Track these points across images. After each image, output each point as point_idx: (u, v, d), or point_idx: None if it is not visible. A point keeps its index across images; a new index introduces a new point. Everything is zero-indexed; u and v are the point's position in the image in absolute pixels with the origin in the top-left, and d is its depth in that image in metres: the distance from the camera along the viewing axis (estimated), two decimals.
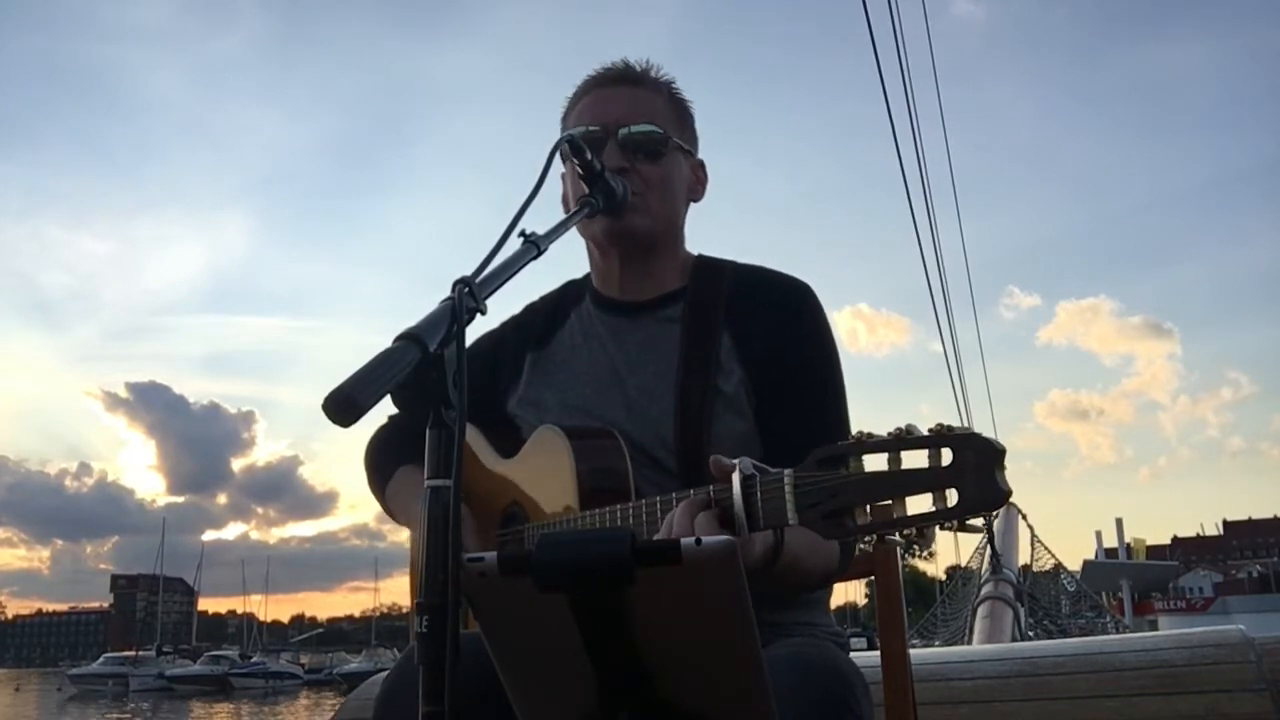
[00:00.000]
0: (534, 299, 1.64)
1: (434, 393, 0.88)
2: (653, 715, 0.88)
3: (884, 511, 0.90)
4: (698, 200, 1.56)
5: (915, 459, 0.88)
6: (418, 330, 0.88)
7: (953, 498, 0.86)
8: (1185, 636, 1.97)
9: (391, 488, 1.58)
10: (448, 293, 0.95)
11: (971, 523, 0.88)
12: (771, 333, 1.42)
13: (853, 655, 1.43)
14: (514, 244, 1.11)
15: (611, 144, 1.42)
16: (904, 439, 0.89)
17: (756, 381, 1.40)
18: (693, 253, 1.56)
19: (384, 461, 1.62)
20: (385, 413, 1.67)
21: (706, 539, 0.81)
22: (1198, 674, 1.83)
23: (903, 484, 0.89)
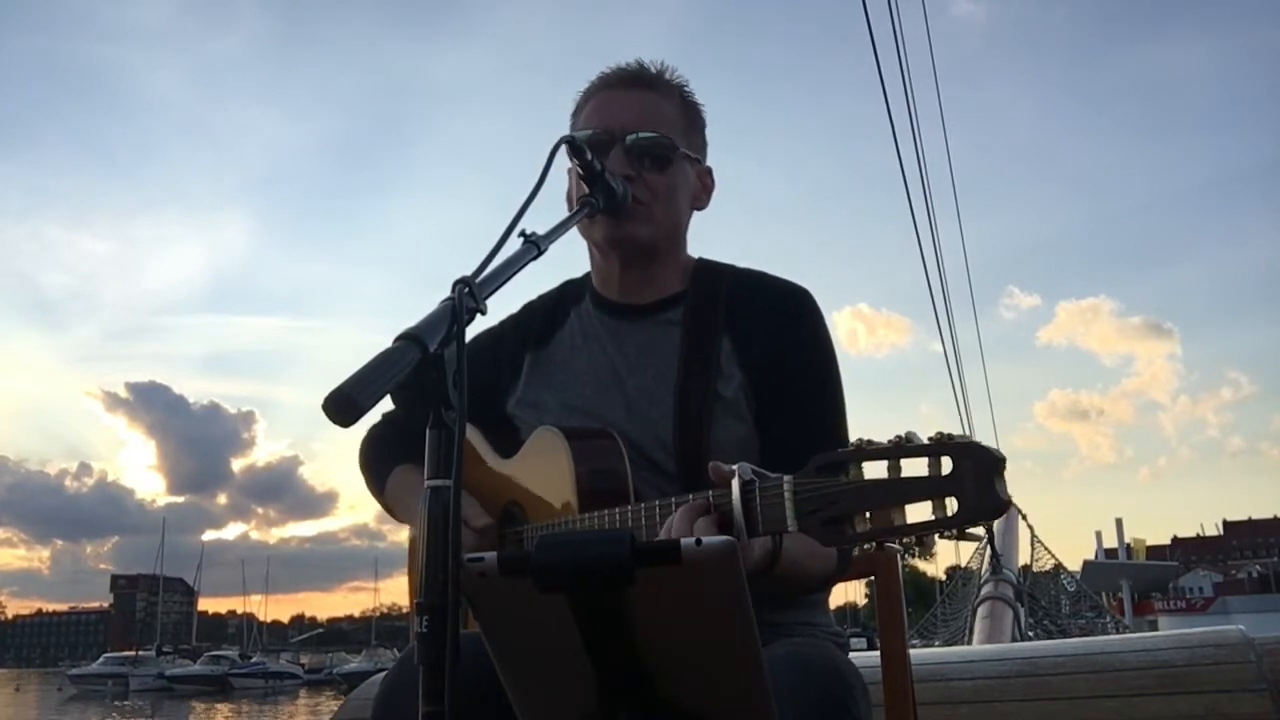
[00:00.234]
0: (532, 298, 1.64)
1: (434, 393, 0.88)
2: (653, 715, 0.88)
3: (883, 519, 0.90)
4: (702, 209, 1.54)
5: (915, 467, 0.88)
6: (418, 330, 0.88)
7: (952, 506, 0.86)
8: (1185, 636, 1.97)
9: (390, 488, 1.58)
10: (448, 293, 0.95)
11: (971, 531, 0.88)
12: (771, 337, 1.42)
13: (853, 655, 1.43)
14: (514, 244, 1.11)
15: (618, 150, 1.40)
16: (904, 447, 0.89)
17: (756, 386, 1.40)
18: (693, 256, 1.55)
19: (380, 461, 1.62)
20: (380, 412, 1.67)
21: (706, 539, 0.81)
22: (1198, 674, 1.83)
23: (902, 492, 0.89)
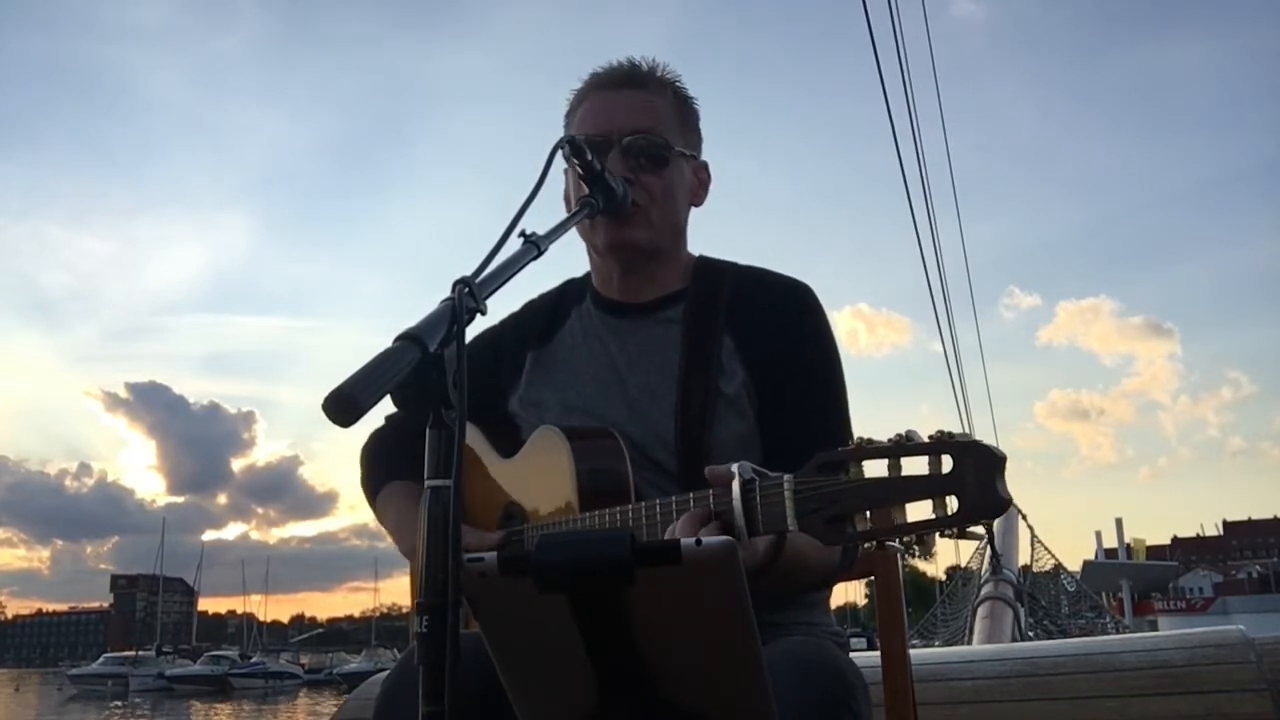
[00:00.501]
0: (533, 297, 1.63)
1: (434, 393, 0.88)
2: (653, 715, 0.88)
3: (884, 518, 0.90)
4: (699, 204, 1.54)
5: (916, 465, 0.88)
6: (418, 330, 0.88)
7: (953, 505, 0.86)
8: (1185, 636, 1.96)
9: (379, 504, 1.58)
10: (448, 293, 0.95)
11: (972, 530, 0.88)
12: (773, 335, 1.42)
13: (853, 655, 1.43)
14: (514, 244, 1.11)
15: (615, 152, 1.41)
16: (904, 445, 0.89)
17: (758, 383, 1.40)
18: (693, 254, 1.55)
19: (374, 473, 1.62)
20: (383, 413, 1.67)
21: (706, 539, 0.81)
22: (1198, 674, 1.83)
23: (903, 490, 0.89)
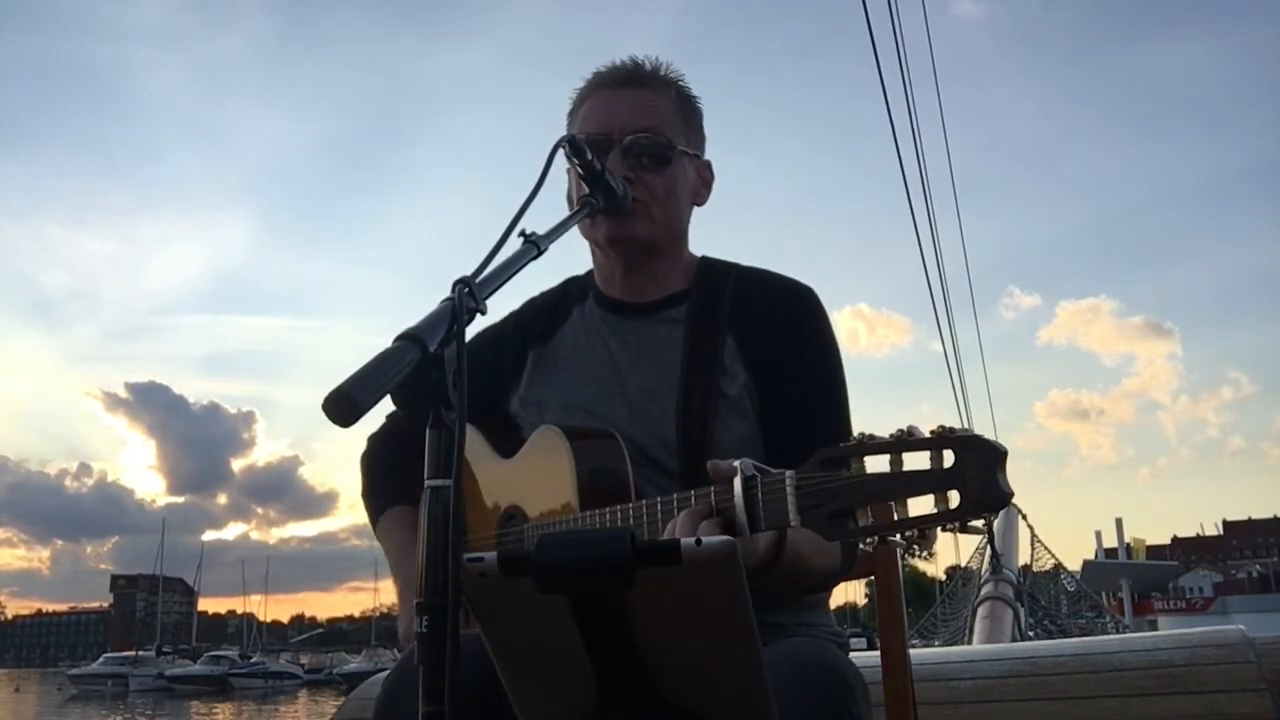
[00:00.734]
0: (534, 296, 1.63)
1: (434, 393, 0.88)
2: (653, 715, 0.88)
3: (885, 513, 0.90)
4: (702, 204, 1.54)
5: (917, 460, 0.88)
6: (418, 330, 0.88)
7: (954, 499, 0.86)
8: (1185, 636, 1.97)
9: (380, 530, 1.58)
10: (448, 293, 0.95)
11: (973, 524, 0.88)
12: (775, 336, 1.42)
13: (853, 655, 1.43)
14: (514, 244, 1.11)
15: (616, 151, 1.40)
16: (906, 440, 0.89)
17: (760, 384, 1.40)
18: (696, 254, 1.55)
19: (376, 490, 1.61)
20: (384, 413, 1.67)
21: (707, 539, 0.81)
22: (1198, 674, 1.83)
23: (904, 485, 0.88)
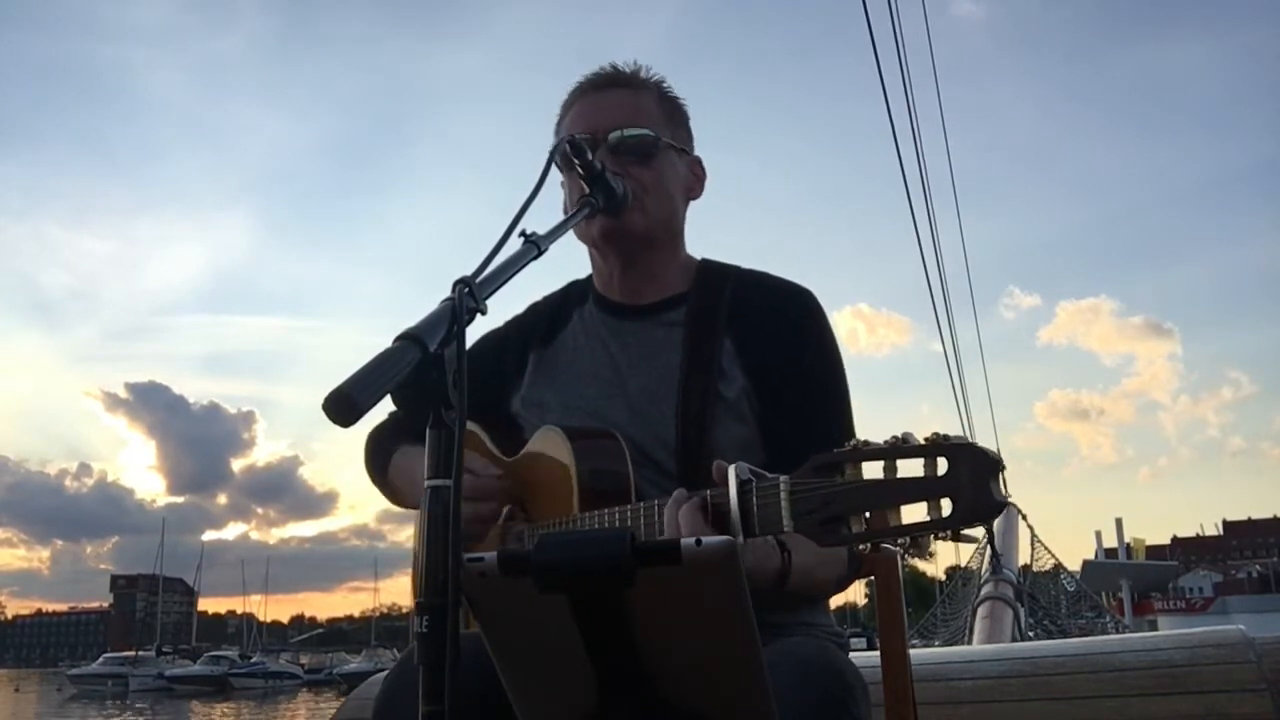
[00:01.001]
0: (537, 299, 1.64)
1: (434, 393, 0.88)
2: (653, 715, 0.88)
3: (880, 520, 0.89)
4: (696, 198, 1.55)
5: (911, 468, 0.88)
6: (418, 330, 0.88)
7: (947, 507, 0.86)
8: (1185, 636, 1.96)
9: (392, 471, 1.57)
10: (448, 293, 0.95)
11: (967, 532, 0.88)
12: (774, 339, 1.42)
13: (853, 655, 1.43)
14: (514, 244, 1.11)
15: (603, 149, 1.41)
16: (900, 448, 0.88)
17: (759, 387, 1.40)
18: (696, 257, 1.55)
19: (381, 450, 1.61)
20: (385, 411, 1.67)
21: (706, 539, 0.81)
22: (1198, 674, 1.82)
23: (898, 493, 0.88)
